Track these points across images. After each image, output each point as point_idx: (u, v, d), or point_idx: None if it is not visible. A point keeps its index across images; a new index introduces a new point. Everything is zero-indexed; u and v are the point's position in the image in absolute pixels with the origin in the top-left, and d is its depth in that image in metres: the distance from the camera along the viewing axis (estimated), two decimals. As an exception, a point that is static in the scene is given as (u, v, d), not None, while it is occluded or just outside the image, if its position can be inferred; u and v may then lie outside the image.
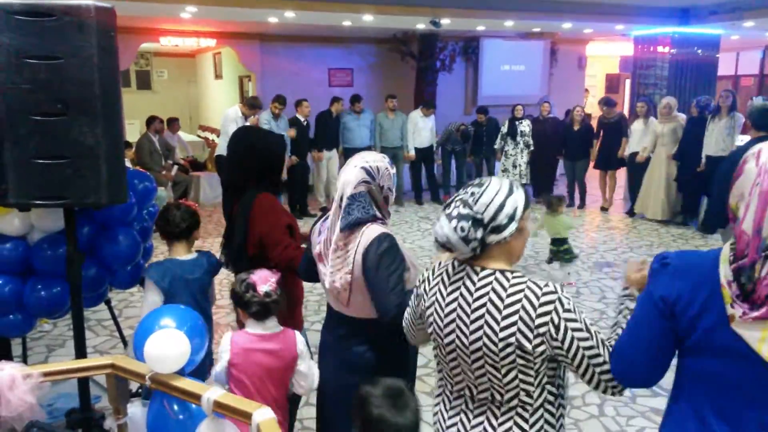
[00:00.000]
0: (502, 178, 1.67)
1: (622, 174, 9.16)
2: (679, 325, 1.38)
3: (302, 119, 8.55)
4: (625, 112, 12.52)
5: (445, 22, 8.83)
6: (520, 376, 1.60)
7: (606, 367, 1.53)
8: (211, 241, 7.16)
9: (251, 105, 7.94)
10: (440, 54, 11.13)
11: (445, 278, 1.72)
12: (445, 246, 1.63)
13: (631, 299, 1.68)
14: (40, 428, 1.98)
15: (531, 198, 8.66)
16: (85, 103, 2.15)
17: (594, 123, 9.54)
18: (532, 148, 9.36)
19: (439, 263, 1.78)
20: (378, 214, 2.12)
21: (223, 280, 5.58)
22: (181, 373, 2.05)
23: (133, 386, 2.58)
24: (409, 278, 2.09)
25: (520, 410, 1.63)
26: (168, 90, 15.12)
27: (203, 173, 9.88)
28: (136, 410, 2.30)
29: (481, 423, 1.68)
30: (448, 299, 1.68)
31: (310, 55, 11.17)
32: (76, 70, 2.14)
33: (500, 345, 1.56)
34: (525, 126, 9.37)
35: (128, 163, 7.40)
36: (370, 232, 2.07)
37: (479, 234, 1.58)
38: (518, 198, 1.62)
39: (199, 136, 13.40)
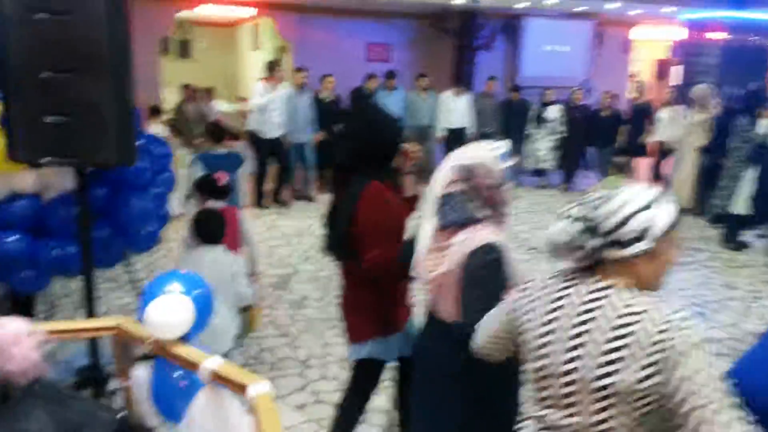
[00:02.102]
0: (649, 189, 1.42)
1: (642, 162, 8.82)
2: None
3: (325, 95, 8.28)
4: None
5: (485, -2, 8.56)
6: (612, 421, 1.34)
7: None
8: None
9: (270, 68, 7.41)
10: (480, 32, 10.86)
11: (550, 288, 1.50)
12: (552, 250, 1.45)
13: None
14: (42, 385, 1.97)
15: (554, 183, 8.43)
16: (92, 60, 2.12)
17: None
18: (562, 135, 9.03)
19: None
20: (482, 213, 1.93)
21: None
22: (186, 339, 2.01)
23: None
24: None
25: None
26: (208, 59, 15.15)
27: (238, 143, 9.87)
28: (141, 374, 2.27)
29: None
30: (548, 308, 1.47)
31: (348, 28, 11.00)
32: (84, 26, 2.10)
33: (597, 372, 1.33)
34: (552, 112, 9.04)
35: (162, 130, 7.45)
36: (479, 236, 1.89)
37: (592, 244, 1.39)
38: (658, 215, 1.36)
39: (236, 107, 13.42)
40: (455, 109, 9.04)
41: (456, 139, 9.13)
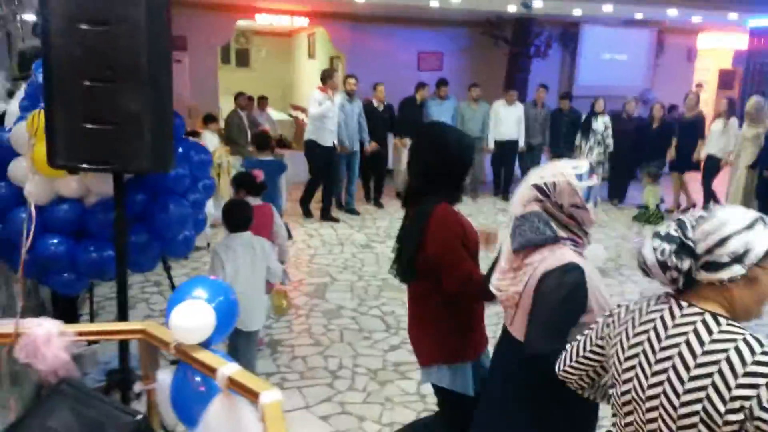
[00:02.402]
0: (749, 210, 1.37)
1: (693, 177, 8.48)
2: None
3: (376, 104, 8.33)
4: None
5: (538, 5, 8.43)
6: None
7: None
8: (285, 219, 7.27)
9: (327, 76, 7.45)
10: (535, 40, 10.70)
11: (641, 309, 1.47)
12: (643, 269, 1.41)
13: None
14: (70, 385, 2.03)
15: (602, 198, 8.54)
16: (132, 69, 2.17)
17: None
18: (610, 148, 8.70)
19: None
20: (561, 233, 1.88)
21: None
22: (206, 345, 2.04)
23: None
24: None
25: None
26: (265, 68, 15.52)
27: (288, 151, 10.06)
28: (165, 377, 2.32)
29: None
30: (636, 331, 1.43)
31: (400, 37, 11.04)
32: (124, 36, 2.15)
33: (682, 399, 1.29)
34: (600, 123, 8.68)
35: (215, 137, 7.64)
36: (559, 256, 1.84)
37: (685, 264, 1.33)
38: (758, 239, 1.30)
39: (290, 115, 13.67)
40: (506, 118, 8.85)
41: (506, 152, 8.96)
